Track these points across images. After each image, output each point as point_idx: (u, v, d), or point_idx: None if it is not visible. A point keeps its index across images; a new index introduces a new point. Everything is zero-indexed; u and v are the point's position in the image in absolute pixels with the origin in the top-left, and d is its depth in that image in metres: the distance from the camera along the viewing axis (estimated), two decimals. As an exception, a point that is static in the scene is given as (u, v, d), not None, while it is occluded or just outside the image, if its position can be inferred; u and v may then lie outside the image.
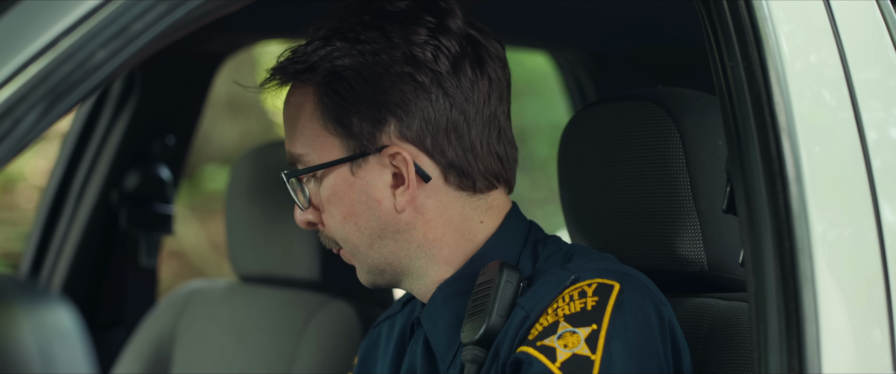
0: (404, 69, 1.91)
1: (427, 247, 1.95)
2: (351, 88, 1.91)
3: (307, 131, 1.95)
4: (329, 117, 1.93)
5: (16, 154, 1.47)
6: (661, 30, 3.25)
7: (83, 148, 3.26)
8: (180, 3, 1.55)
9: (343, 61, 1.91)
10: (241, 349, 2.86)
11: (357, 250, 1.96)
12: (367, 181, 1.93)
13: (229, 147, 7.92)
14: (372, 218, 1.93)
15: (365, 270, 1.99)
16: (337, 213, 1.95)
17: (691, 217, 2.01)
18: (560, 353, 1.78)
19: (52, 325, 1.33)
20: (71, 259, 3.23)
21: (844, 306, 1.77)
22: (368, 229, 1.94)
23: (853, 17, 1.88)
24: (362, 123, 1.92)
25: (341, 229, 1.95)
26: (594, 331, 1.78)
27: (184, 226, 7.71)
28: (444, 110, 1.92)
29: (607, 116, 2.12)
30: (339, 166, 1.93)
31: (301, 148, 1.95)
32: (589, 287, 1.83)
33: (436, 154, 1.93)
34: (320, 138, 1.94)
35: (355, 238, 1.95)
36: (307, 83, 1.95)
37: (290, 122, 1.98)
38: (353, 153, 1.92)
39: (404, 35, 1.92)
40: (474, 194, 1.96)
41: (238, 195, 2.91)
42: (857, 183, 1.81)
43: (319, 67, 1.93)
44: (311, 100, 1.94)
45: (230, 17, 1.75)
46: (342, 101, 1.92)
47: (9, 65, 1.47)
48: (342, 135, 1.92)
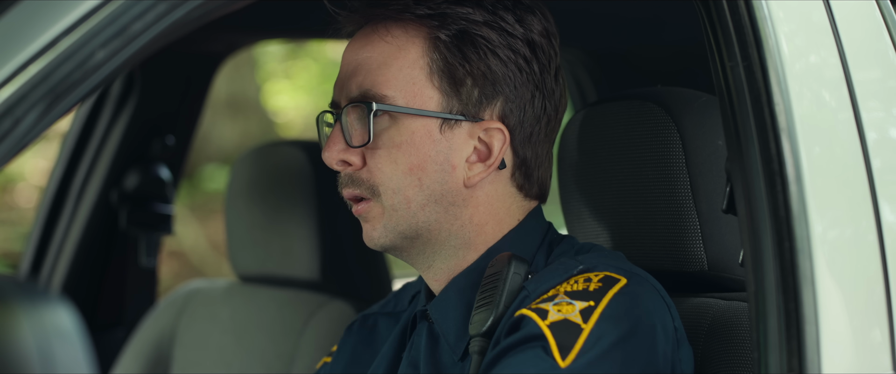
0: (526, 54, 1.91)
1: (470, 228, 1.94)
2: (477, 54, 1.90)
3: (403, 75, 1.90)
4: (441, 71, 1.90)
5: (16, 154, 1.47)
6: (661, 30, 3.25)
7: (83, 148, 3.26)
8: (180, 3, 1.55)
9: (479, 28, 1.90)
10: (241, 349, 2.86)
11: (406, 205, 1.91)
12: (451, 144, 1.91)
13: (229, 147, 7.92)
14: (439, 181, 1.91)
15: (397, 230, 1.93)
16: (404, 162, 1.90)
17: (691, 217, 2.01)
18: (552, 314, 1.79)
19: (52, 325, 1.33)
20: (71, 259, 3.23)
21: (844, 306, 1.77)
22: (429, 190, 1.91)
23: (853, 17, 1.88)
24: (474, 88, 1.90)
25: (401, 180, 1.90)
26: (590, 306, 1.79)
27: (184, 226, 7.71)
28: (539, 111, 1.94)
29: (607, 115, 2.12)
30: (428, 118, 1.90)
31: (389, 89, 1.90)
32: (595, 276, 1.84)
33: (518, 148, 1.94)
34: (418, 86, 1.90)
35: (412, 193, 1.91)
36: (421, 28, 1.91)
37: (378, 60, 1.92)
38: (451, 112, 1.90)
39: (529, 23, 1.93)
40: (525, 198, 1.97)
41: (238, 195, 2.91)
42: (857, 183, 1.81)
43: (449, 19, 1.90)
44: (420, 46, 1.91)
45: (230, 17, 1.75)
46: (464, 61, 1.90)
47: (9, 65, 1.47)
48: (447, 92, 1.90)
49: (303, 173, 2.78)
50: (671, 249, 2.04)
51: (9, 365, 1.30)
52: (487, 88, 1.91)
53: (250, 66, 8.30)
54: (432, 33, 1.90)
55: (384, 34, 1.92)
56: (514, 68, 1.92)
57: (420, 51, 1.91)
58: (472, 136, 1.91)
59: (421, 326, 2.00)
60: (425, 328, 1.98)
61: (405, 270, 2.05)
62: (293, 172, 2.79)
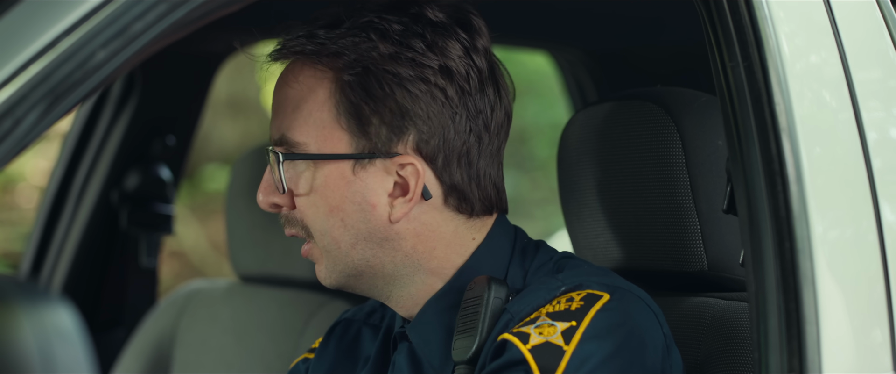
0: (438, 82, 1.87)
1: (415, 257, 1.91)
2: (381, 88, 1.86)
3: (313, 119, 1.88)
4: (346, 111, 1.87)
5: (16, 154, 1.47)
6: (662, 30, 3.25)
7: (83, 148, 3.25)
8: (180, 3, 1.55)
9: (378, 58, 1.86)
10: (242, 349, 2.86)
11: (336, 246, 1.90)
12: (366, 184, 1.88)
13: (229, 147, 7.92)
14: (361, 220, 1.89)
15: (337, 269, 1.92)
16: (323, 205, 1.89)
17: (691, 217, 2.01)
18: (533, 338, 1.77)
19: (52, 325, 1.33)
20: (71, 259, 3.23)
21: (845, 307, 1.77)
22: (354, 230, 1.89)
23: (853, 17, 1.88)
24: (382, 126, 1.87)
25: (324, 222, 1.89)
26: (572, 327, 1.77)
27: (184, 226, 7.71)
28: (464, 133, 1.89)
29: (607, 116, 2.12)
30: (340, 161, 1.88)
31: (301, 135, 1.89)
32: (577, 295, 1.82)
33: (443, 174, 1.89)
34: (327, 129, 1.88)
35: (338, 234, 1.89)
36: (327, 69, 1.88)
37: (291, 103, 1.90)
38: (360, 152, 1.87)
39: (443, 47, 1.88)
40: (470, 218, 1.93)
41: (238, 195, 2.91)
42: (857, 183, 1.81)
43: (347, 57, 1.87)
44: (326, 87, 1.88)
45: (230, 17, 1.75)
46: (368, 98, 1.86)
47: (9, 65, 1.47)
48: (355, 132, 1.87)
49: (303, 173, 2.77)
50: (671, 249, 2.04)
51: (9, 365, 1.30)
52: (396, 122, 1.87)
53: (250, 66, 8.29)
54: (337, 75, 1.87)
55: (297, 75, 1.90)
56: (427, 98, 1.87)
57: (327, 93, 1.88)
58: (388, 172, 1.88)
59: (402, 345, 1.97)
60: (406, 348, 1.95)
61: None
62: (293, 172, 2.79)
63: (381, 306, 2.10)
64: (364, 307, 2.12)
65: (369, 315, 2.10)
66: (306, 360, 2.13)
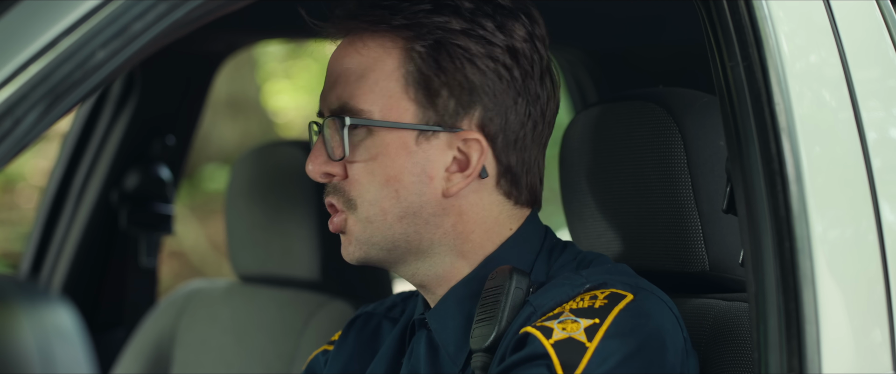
0: (506, 61, 1.90)
1: (454, 236, 1.93)
2: (452, 62, 1.88)
3: (380, 87, 1.89)
4: (416, 82, 1.89)
5: (16, 154, 1.47)
6: (662, 30, 3.25)
7: (83, 148, 3.25)
8: (180, 3, 1.55)
9: (451, 33, 1.88)
10: (241, 349, 2.86)
11: (383, 217, 1.90)
12: (428, 156, 1.90)
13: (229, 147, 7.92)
14: (416, 193, 1.90)
15: (373, 241, 1.93)
16: (380, 173, 1.90)
17: (693, 218, 2.01)
18: (556, 333, 1.78)
19: (52, 325, 1.33)
20: (71, 259, 3.23)
21: (844, 306, 1.77)
22: (406, 201, 1.90)
23: (853, 17, 1.88)
24: (450, 99, 1.89)
25: (377, 191, 1.90)
26: (595, 324, 1.78)
27: (184, 226, 7.71)
28: (523, 116, 1.92)
29: (609, 116, 2.12)
30: (404, 130, 1.89)
31: (365, 102, 1.89)
32: (602, 293, 1.83)
33: (501, 155, 1.92)
34: (393, 98, 1.89)
35: (388, 205, 1.90)
36: (397, 39, 1.90)
37: (356, 72, 1.91)
38: (426, 123, 1.89)
39: (510, 29, 1.91)
40: (515, 206, 1.95)
41: (238, 195, 2.91)
42: (857, 183, 1.81)
43: (420, 29, 1.89)
44: (396, 57, 1.90)
45: (230, 17, 1.75)
46: (438, 70, 1.88)
47: (9, 65, 1.47)
48: (422, 103, 1.89)
49: (303, 173, 2.75)
50: (673, 249, 2.04)
51: (9, 365, 1.30)
52: (464, 97, 1.89)
53: (250, 66, 8.30)
54: (408, 44, 1.89)
55: (361, 46, 1.92)
56: (493, 76, 1.90)
57: (396, 62, 1.90)
58: (450, 146, 1.90)
59: (420, 333, 1.98)
60: (424, 335, 1.97)
61: (405, 270, 2.04)
62: (293, 172, 2.79)
63: (401, 301, 2.11)
64: (384, 302, 2.14)
65: (390, 309, 2.12)
66: (325, 352, 2.15)
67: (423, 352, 1.96)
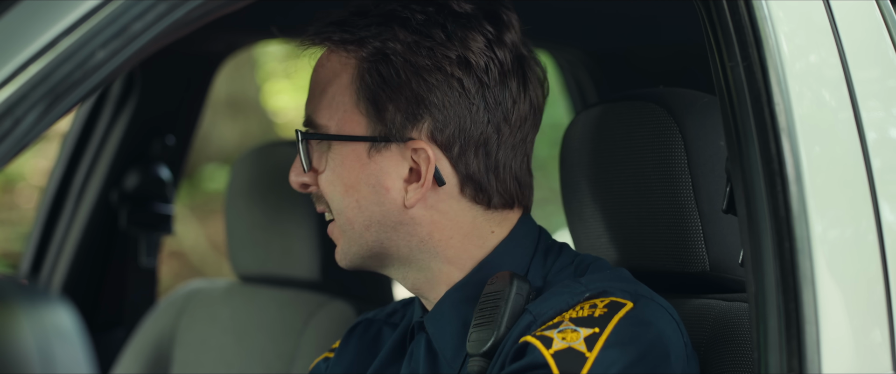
0: (455, 72, 1.91)
1: (432, 244, 1.94)
2: (397, 75, 1.91)
3: (335, 102, 1.94)
4: (364, 96, 1.92)
5: (16, 154, 1.47)
6: (662, 30, 3.25)
7: (83, 148, 3.25)
8: (180, 3, 1.55)
9: (396, 46, 1.91)
10: (241, 349, 2.86)
11: (351, 226, 1.95)
12: (381, 167, 1.92)
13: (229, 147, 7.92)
14: (375, 202, 1.93)
15: (352, 250, 1.97)
16: (339, 184, 1.94)
17: (693, 218, 2.01)
18: (556, 343, 1.78)
19: (52, 325, 1.33)
20: (71, 259, 3.23)
21: (844, 307, 1.77)
22: (368, 212, 1.93)
23: (853, 17, 1.87)
24: (397, 113, 1.91)
25: (341, 201, 1.94)
26: (595, 334, 1.78)
27: (184, 226, 7.71)
28: (481, 123, 1.93)
29: (609, 116, 2.12)
30: (357, 143, 1.93)
31: (323, 117, 1.95)
32: (601, 302, 1.82)
33: (458, 164, 1.93)
34: (347, 112, 1.93)
35: (352, 214, 1.94)
36: (351, 55, 1.94)
37: (320, 87, 1.97)
38: (376, 136, 1.92)
39: (463, 38, 1.92)
40: (488, 209, 1.96)
41: (238, 195, 2.91)
42: (857, 183, 1.81)
43: (369, 44, 1.92)
44: (349, 73, 1.94)
45: (230, 17, 1.75)
46: (384, 84, 1.91)
47: (9, 65, 1.47)
48: (372, 116, 1.92)
49: (303, 173, 2.77)
50: (673, 249, 2.04)
51: (9, 365, 1.30)
52: (411, 109, 1.91)
53: (250, 66, 8.30)
54: (358, 59, 1.93)
55: (325, 61, 1.98)
56: (444, 87, 1.91)
57: (349, 77, 1.94)
58: (403, 157, 1.92)
59: (419, 336, 1.99)
60: (424, 338, 1.97)
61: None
62: (293, 172, 2.79)
63: (401, 307, 2.12)
64: (385, 309, 2.15)
65: (390, 315, 2.13)
66: (327, 360, 2.16)
67: (423, 355, 1.96)
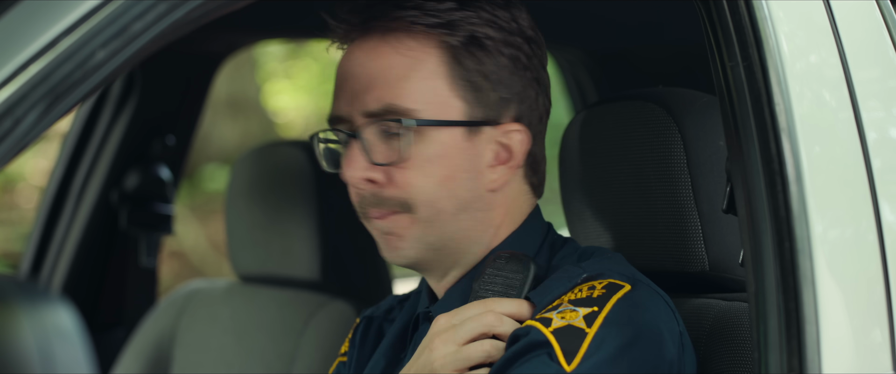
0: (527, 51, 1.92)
1: (491, 231, 1.94)
2: (492, 58, 1.90)
3: (425, 86, 1.89)
4: (461, 79, 1.89)
5: (16, 154, 1.47)
6: (662, 30, 3.25)
7: (83, 148, 3.26)
8: (180, 3, 1.55)
9: (486, 30, 1.89)
10: (241, 350, 2.86)
11: (439, 217, 1.90)
12: (477, 151, 1.91)
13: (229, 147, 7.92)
14: (468, 188, 1.91)
15: (426, 241, 1.92)
16: (436, 174, 1.89)
17: (693, 218, 2.01)
18: (555, 322, 1.79)
19: (52, 325, 1.33)
20: (71, 259, 3.23)
21: (844, 306, 1.77)
22: (460, 198, 1.91)
23: (853, 17, 1.88)
24: (492, 94, 1.90)
25: (434, 192, 1.89)
26: (594, 312, 1.79)
27: (184, 226, 7.71)
28: (541, 108, 1.96)
29: (608, 116, 2.12)
30: (454, 128, 1.90)
31: (411, 102, 1.88)
32: (599, 283, 1.83)
33: (531, 146, 1.95)
34: (441, 96, 1.89)
35: (445, 204, 1.90)
36: (431, 37, 1.89)
37: (397, 73, 1.89)
38: (475, 119, 1.90)
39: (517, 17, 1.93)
40: (532, 196, 1.98)
41: (238, 195, 2.91)
42: (857, 183, 1.81)
43: (461, 27, 1.89)
44: (436, 56, 1.89)
45: (230, 17, 1.75)
46: (481, 67, 1.89)
47: (9, 65, 1.47)
48: (470, 100, 1.90)
49: (303, 173, 2.78)
50: (672, 249, 2.04)
51: (9, 365, 1.30)
52: (503, 90, 1.91)
53: (250, 66, 8.30)
54: (444, 42, 1.89)
55: (397, 45, 1.90)
56: (520, 67, 1.92)
57: (437, 61, 1.89)
58: (492, 140, 1.91)
59: (424, 327, 1.99)
60: (428, 328, 1.97)
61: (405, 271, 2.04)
62: (293, 172, 2.79)
63: (398, 304, 2.12)
64: (381, 306, 2.15)
65: (388, 312, 2.13)
66: (342, 364, 2.16)
67: None
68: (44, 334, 1.32)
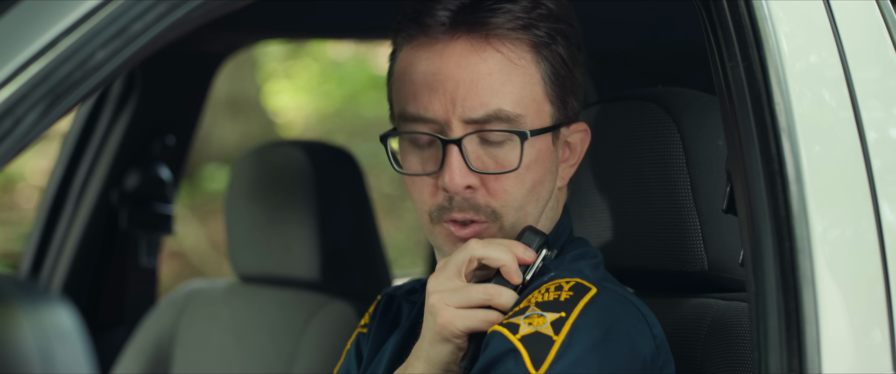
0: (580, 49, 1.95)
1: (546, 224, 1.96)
2: (570, 58, 1.92)
3: (526, 92, 1.87)
4: (552, 84, 1.90)
5: (16, 154, 1.47)
6: (662, 31, 3.25)
7: (83, 148, 3.26)
8: (180, 3, 1.55)
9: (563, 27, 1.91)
10: (242, 350, 2.86)
11: (526, 219, 1.90)
12: (557, 153, 1.93)
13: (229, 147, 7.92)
14: (549, 190, 1.93)
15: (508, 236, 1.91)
16: (529, 180, 1.88)
17: (692, 217, 2.01)
18: (523, 328, 1.77)
19: (52, 325, 1.33)
20: (71, 259, 3.23)
21: (844, 307, 1.77)
22: (542, 201, 1.92)
23: (853, 17, 1.88)
24: (572, 97, 1.93)
25: (524, 198, 1.89)
26: (561, 318, 1.78)
27: (184, 226, 7.71)
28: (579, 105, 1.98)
29: (608, 116, 2.12)
30: (547, 134, 1.90)
31: (518, 108, 1.86)
32: (566, 284, 1.83)
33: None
34: (538, 100, 1.89)
35: (531, 208, 1.91)
36: (522, 39, 1.87)
37: (500, 76, 1.86)
38: (560, 122, 1.91)
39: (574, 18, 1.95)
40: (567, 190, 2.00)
41: (238, 195, 2.91)
42: (857, 183, 1.81)
43: (543, 29, 1.89)
44: (531, 61, 1.88)
45: (230, 17, 1.75)
46: (567, 70, 1.91)
47: (9, 65, 1.47)
48: (556, 102, 1.91)
49: (303, 173, 2.78)
50: (672, 249, 2.04)
51: (9, 365, 1.30)
52: (576, 89, 1.94)
53: (250, 66, 8.30)
54: (534, 44, 1.88)
55: (499, 47, 1.87)
56: (579, 64, 1.95)
57: (533, 64, 1.88)
58: (563, 139, 1.94)
59: None
60: None
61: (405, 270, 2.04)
62: (293, 172, 2.79)
63: (421, 287, 2.11)
64: (404, 286, 2.15)
65: (409, 293, 2.12)
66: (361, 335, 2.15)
67: None
68: (44, 334, 1.32)
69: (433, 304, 1.82)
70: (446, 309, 1.81)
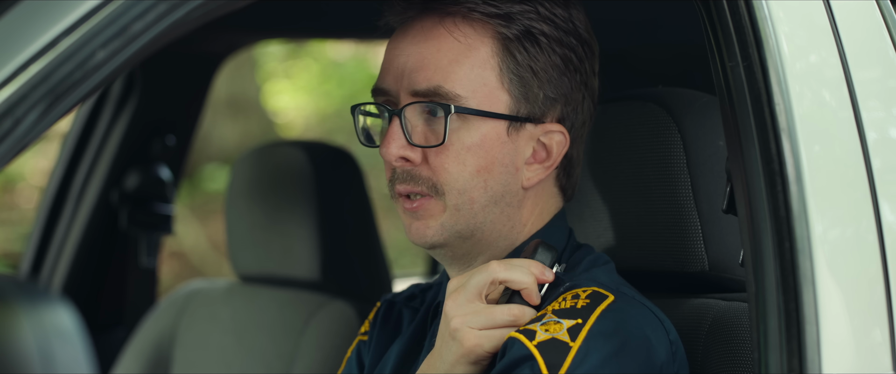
0: (580, 53, 1.92)
1: (518, 228, 1.94)
2: (544, 55, 1.90)
3: (474, 75, 1.89)
4: (510, 72, 1.89)
5: (16, 154, 1.47)
6: (662, 31, 3.25)
7: (83, 148, 3.26)
8: (180, 3, 1.55)
9: (542, 27, 1.89)
10: (242, 350, 2.86)
11: (470, 206, 1.90)
12: (516, 147, 1.91)
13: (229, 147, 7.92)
14: (502, 183, 1.91)
15: (454, 228, 1.92)
16: (472, 164, 1.89)
17: (692, 217, 2.01)
18: (539, 334, 1.78)
19: (52, 325, 1.33)
20: (71, 259, 3.23)
21: (844, 306, 1.77)
22: (493, 191, 1.91)
23: (853, 17, 1.88)
24: (540, 92, 1.90)
25: (468, 181, 1.89)
26: (578, 324, 1.78)
27: (184, 226, 7.71)
28: (585, 114, 1.96)
29: (608, 116, 2.12)
30: (498, 121, 1.90)
31: (460, 87, 1.88)
32: (583, 292, 1.83)
33: (571, 150, 1.95)
34: (488, 87, 1.89)
35: (477, 194, 1.90)
36: (488, 26, 1.89)
37: (449, 56, 1.89)
38: (518, 115, 1.90)
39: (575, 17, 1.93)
40: (560, 198, 1.98)
41: (238, 195, 2.91)
42: (857, 183, 1.81)
43: (518, 21, 1.89)
44: (489, 46, 1.89)
45: (230, 17, 1.75)
46: (532, 63, 1.89)
47: (9, 65, 1.47)
48: (516, 94, 1.90)
49: (303, 173, 2.78)
50: (672, 249, 2.04)
51: (9, 365, 1.30)
52: (550, 89, 1.91)
53: (250, 66, 8.30)
54: (500, 33, 1.89)
55: (452, 29, 1.90)
56: (571, 68, 1.92)
57: (490, 51, 1.89)
58: (532, 138, 1.92)
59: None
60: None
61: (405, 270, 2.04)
62: (293, 172, 2.79)
63: (420, 292, 2.12)
64: (403, 292, 2.15)
65: (409, 299, 2.13)
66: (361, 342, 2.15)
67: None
68: (44, 334, 1.32)
69: (457, 328, 1.83)
70: (472, 333, 1.82)
